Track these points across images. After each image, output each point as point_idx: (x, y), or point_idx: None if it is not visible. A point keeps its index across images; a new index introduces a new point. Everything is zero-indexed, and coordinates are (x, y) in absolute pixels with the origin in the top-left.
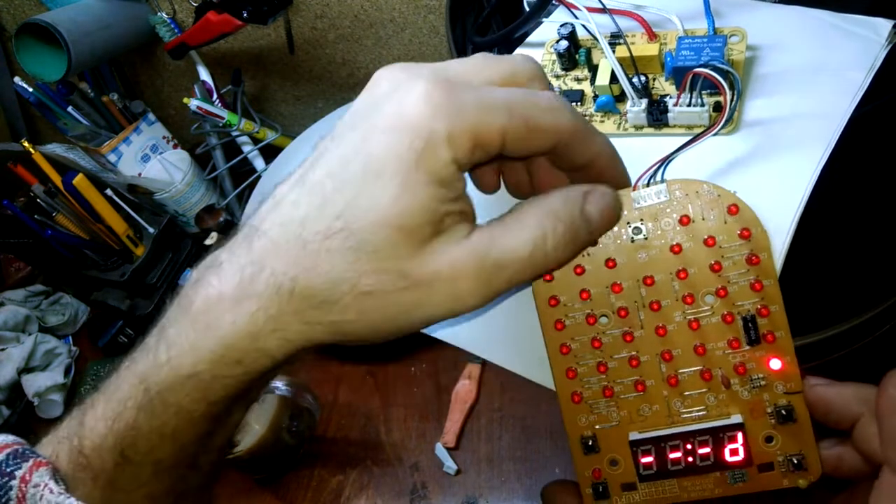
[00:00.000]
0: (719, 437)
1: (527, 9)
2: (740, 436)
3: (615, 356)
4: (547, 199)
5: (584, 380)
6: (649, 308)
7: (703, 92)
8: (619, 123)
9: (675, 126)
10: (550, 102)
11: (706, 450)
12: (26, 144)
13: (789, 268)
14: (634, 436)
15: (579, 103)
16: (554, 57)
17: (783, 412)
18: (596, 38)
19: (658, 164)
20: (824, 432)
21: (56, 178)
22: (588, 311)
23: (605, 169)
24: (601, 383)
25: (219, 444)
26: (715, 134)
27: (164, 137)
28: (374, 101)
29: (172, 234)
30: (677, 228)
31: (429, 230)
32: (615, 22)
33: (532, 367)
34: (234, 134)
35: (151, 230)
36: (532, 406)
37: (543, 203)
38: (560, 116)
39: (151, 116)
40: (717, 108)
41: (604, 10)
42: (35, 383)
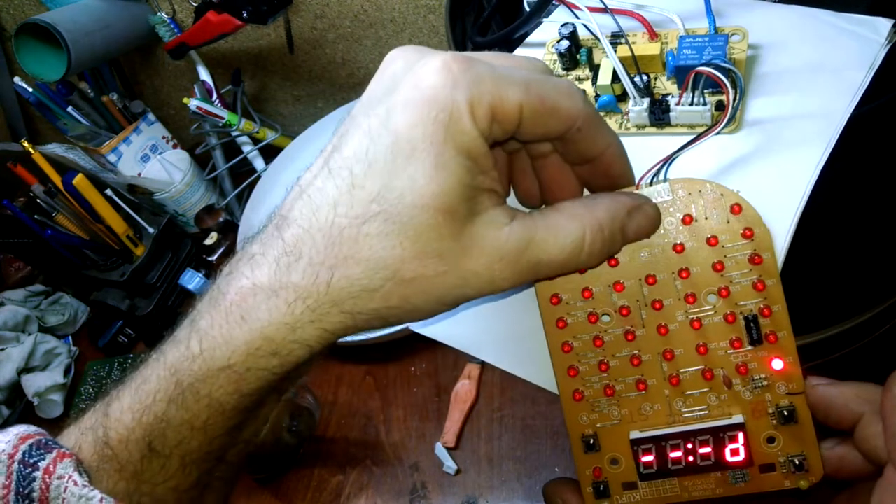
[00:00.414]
0: (720, 437)
1: (527, 9)
2: (741, 436)
3: (617, 355)
4: (594, 206)
5: (586, 378)
6: (651, 307)
7: (706, 91)
8: (622, 123)
9: (677, 125)
10: (565, 85)
11: (707, 449)
12: (26, 144)
13: (790, 267)
14: (635, 435)
15: None
16: (555, 57)
17: (785, 413)
18: (597, 38)
19: (661, 164)
20: (825, 433)
21: (56, 178)
22: (590, 310)
23: (614, 162)
24: (602, 382)
25: (247, 436)
26: (717, 133)
27: (163, 137)
28: (391, 79)
29: (172, 234)
30: (680, 228)
31: (465, 209)
32: (616, 21)
33: (533, 370)
34: (234, 134)
35: (151, 230)
36: (532, 406)
37: (589, 211)
38: (575, 100)
39: (151, 116)
40: (720, 107)
41: (605, 10)
42: (35, 383)
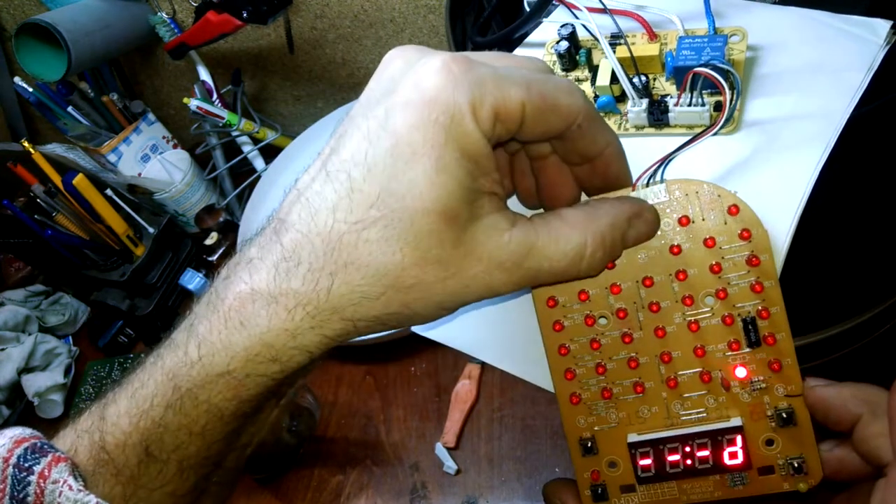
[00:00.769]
0: (718, 439)
1: (527, 9)
2: (740, 438)
3: (614, 357)
4: (595, 214)
5: (583, 381)
6: (648, 309)
7: (704, 92)
8: (620, 123)
9: (675, 126)
10: (565, 83)
11: (705, 452)
12: (26, 144)
13: (789, 268)
14: (633, 437)
15: None
16: (554, 57)
17: (784, 415)
18: (596, 39)
19: (658, 164)
20: (824, 434)
21: (56, 178)
22: (587, 312)
23: (613, 162)
24: (600, 385)
25: (246, 441)
26: (715, 133)
27: (163, 137)
28: (390, 79)
29: (172, 234)
30: (677, 229)
31: (466, 213)
32: (615, 22)
33: (531, 369)
34: (234, 134)
35: (151, 230)
36: (532, 406)
37: (591, 220)
38: (575, 97)
39: (151, 116)
40: (718, 107)
41: (604, 11)
42: (35, 383)
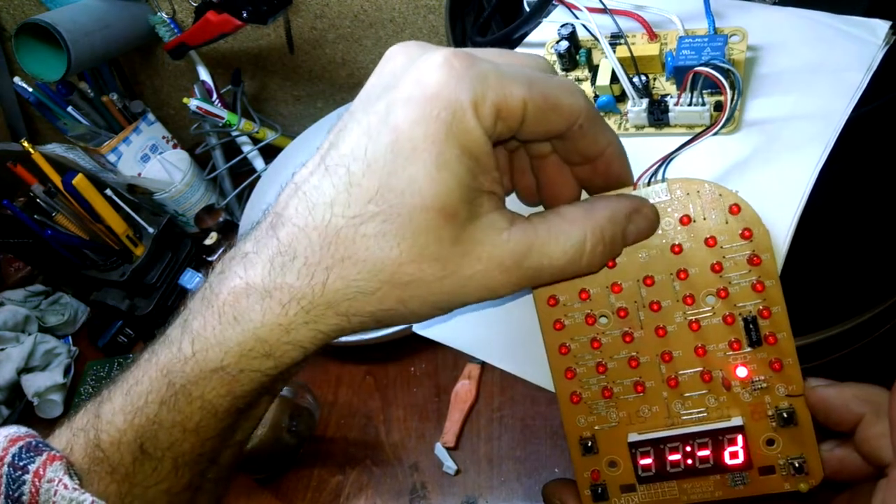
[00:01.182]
0: (719, 439)
1: (527, 9)
2: (740, 438)
3: (615, 357)
4: (594, 211)
5: (583, 380)
6: (649, 308)
7: (704, 91)
8: (620, 123)
9: (676, 126)
10: (567, 83)
11: (706, 452)
12: (26, 144)
13: (789, 267)
14: (634, 437)
15: None
16: (554, 57)
17: (784, 415)
18: (596, 39)
19: (659, 163)
20: (824, 434)
21: (56, 178)
22: (587, 312)
23: (613, 162)
24: (600, 384)
25: (240, 437)
26: (715, 133)
27: (163, 137)
28: (392, 75)
29: (172, 234)
30: (678, 228)
31: (465, 211)
32: (616, 22)
33: (531, 369)
34: (234, 134)
35: (151, 230)
36: (532, 406)
37: (589, 217)
38: (577, 97)
39: (151, 116)
40: (718, 107)
41: (604, 11)
42: (35, 383)
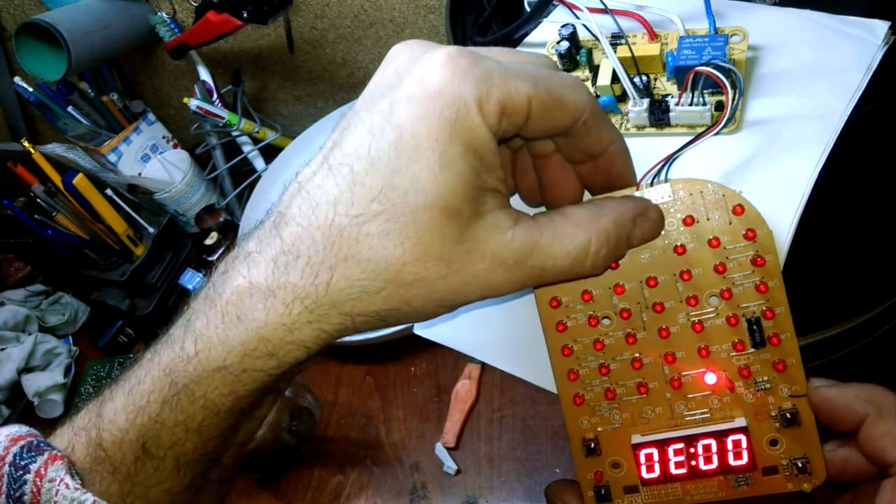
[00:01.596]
0: (723, 440)
1: (527, 9)
2: (744, 439)
3: (617, 358)
4: (599, 213)
5: (586, 382)
6: (652, 310)
7: (705, 91)
8: (621, 123)
9: (677, 126)
10: (570, 79)
11: (709, 453)
12: (26, 144)
13: (790, 267)
14: (637, 438)
15: None
16: (555, 58)
17: (788, 415)
18: (597, 39)
19: (661, 164)
20: (827, 435)
21: (56, 178)
22: (590, 313)
23: (617, 160)
24: (603, 385)
25: (243, 437)
26: (717, 133)
27: (164, 137)
28: (395, 73)
29: (172, 233)
30: (681, 229)
31: (469, 210)
32: (616, 22)
33: (533, 370)
34: (234, 134)
35: (151, 230)
36: (532, 406)
37: (595, 219)
38: (581, 93)
39: (151, 116)
40: (719, 107)
41: (605, 11)
42: (35, 383)
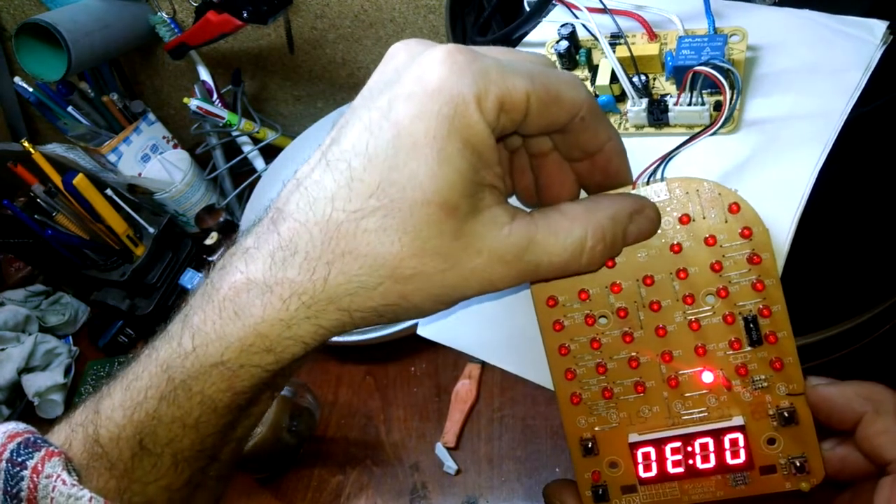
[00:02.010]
0: (720, 438)
1: (527, 9)
2: (742, 438)
3: (614, 357)
4: (596, 209)
5: (583, 381)
6: (649, 308)
7: (704, 91)
8: (620, 123)
9: (675, 125)
10: (568, 76)
11: (707, 452)
12: (26, 144)
13: (789, 267)
14: (634, 437)
15: None
16: (554, 57)
17: (785, 414)
18: (596, 38)
19: (658, 162)
20: (824, 433)
21: (56, 178)
22: (587, 312)
23: (614, 158)
24: (600, 384)
25: (240, 434)
26: (714, 132)
27: (164, 137)
28: (394, 71)
29: (172, 234)
30: (677, 227)
31: (466, 206)
32: (615, 22)
33: (532, 368)
34: (234, 134)
35: (151, 230)
36: (532, 406)
37: (591, 215)
38: (579, 90)
39: (151, 116)
40: (718, 107)
41: (604, 11)
42: (35, 383)
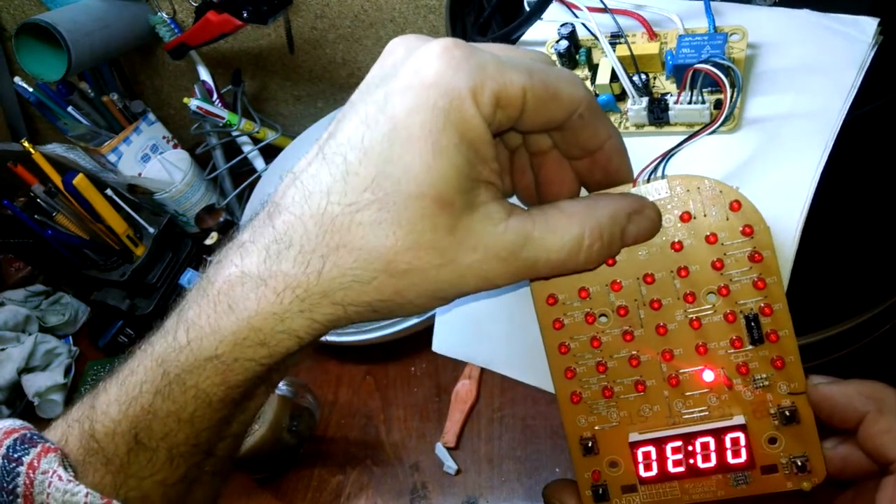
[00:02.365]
0: (721, 438)
1: (527, 9)
2: (743, 437)
3: (615, 356)
4: (594, 207)
5: (584, 380)
6: (649, 307)
7: (704, 90)
8: (621, 122)
9: (676, 124)
10: (566, 73)
11: (708, 451)
12: (26, 144)
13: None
14: (634, 437)
15: None
16: (554, 57)
17: (787, 413)
18: (596, 38)
19: (658, 160)
20: (827, 432)
21: (56, 178)
22: (587, 310)
23: (614, 156)
24: (600, 383)
25: (236, 430)
26: (713, 131)
27: (164, 137)
28: (391, 66)
29: (172, 234)
30: (678, 225)
31: (462, 201)
32: (616, 21)
33: (532, 372)
34: (234, 134)
35: (151, 230)
36: (532, 406)
37: (589, 213)
38: (577, 86)
39: (151, 116)
40: (719, 105)
41: (604, 10)
42: (35, 383)
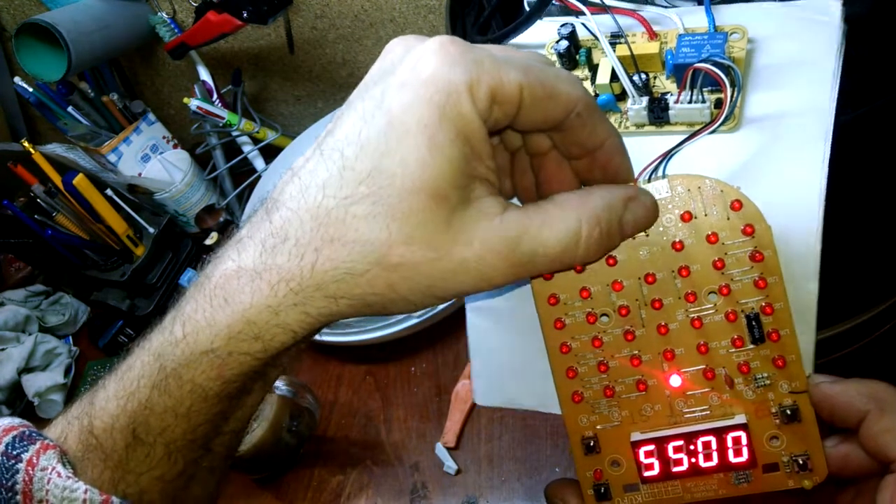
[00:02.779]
0: (723, 437)
1: (527, 9)
2: (744, 436)
3: (616, 355)
4: (589, 198)
5: (585, 379)
6: (651, 306)
7: (705, 89)
8: (621, 122)
9: (676, 123)
10: (564, 73)
11: (709, 450)
12: (26, 144)
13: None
14: (636, 436)
15: None
16: (554, 57)
17: (788, 412)
18: (596, 38)
19: (659, 160)
20: (827, 431)
21: (56, 178)
22: (588, 310)
23: (614, 154)
24: (602, 383)
25: (234, 427)
26: (713, 130)
27: (164, 137)
28: (389, 64)
29: (172, 234)
30: (679, 225)
31: (456, 196)
32: (616, 21)
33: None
34: (234, 134)
35: (151, 230)
36: None
37: (585, 203)
38: (574, 86)
39: (151, 116)
40: (719, 104)
41: (604, 10)
42: (35, 383)
